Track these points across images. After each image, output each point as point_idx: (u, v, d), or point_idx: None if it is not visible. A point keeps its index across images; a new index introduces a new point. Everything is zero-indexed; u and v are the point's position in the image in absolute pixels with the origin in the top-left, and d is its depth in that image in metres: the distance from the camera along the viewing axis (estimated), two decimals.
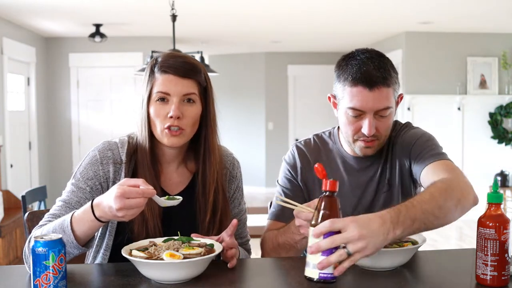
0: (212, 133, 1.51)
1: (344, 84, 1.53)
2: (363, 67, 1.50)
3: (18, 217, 4.59)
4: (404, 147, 1.60)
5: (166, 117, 1.42)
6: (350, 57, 1.56)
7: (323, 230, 1.11)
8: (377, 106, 1.50)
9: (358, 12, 5.46)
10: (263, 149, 8.83)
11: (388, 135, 1.61)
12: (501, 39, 6.62)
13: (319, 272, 1.13)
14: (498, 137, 6.55)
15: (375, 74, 1.49)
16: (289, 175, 1.71)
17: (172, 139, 1.43)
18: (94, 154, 1.47)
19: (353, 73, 1.51)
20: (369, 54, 1.54)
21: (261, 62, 8.79)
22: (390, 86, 1.52)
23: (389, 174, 1.64)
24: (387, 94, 1.51)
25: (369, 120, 1.51)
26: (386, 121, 1.55)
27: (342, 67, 1.55)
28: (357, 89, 1.50)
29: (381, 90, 1.49)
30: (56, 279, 1.10)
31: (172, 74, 1.43)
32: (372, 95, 1.49)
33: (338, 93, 1.58)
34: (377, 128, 1.53)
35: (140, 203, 1.20)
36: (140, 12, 5.34)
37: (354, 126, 1.55)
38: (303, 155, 1.71)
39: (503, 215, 1.19)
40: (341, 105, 1.57)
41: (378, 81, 1.49)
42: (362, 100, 1.50)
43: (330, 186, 1.17)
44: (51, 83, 6.80)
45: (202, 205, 1.49)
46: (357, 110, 1.51)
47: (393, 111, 1.56)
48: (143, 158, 1.46)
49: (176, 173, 1.53)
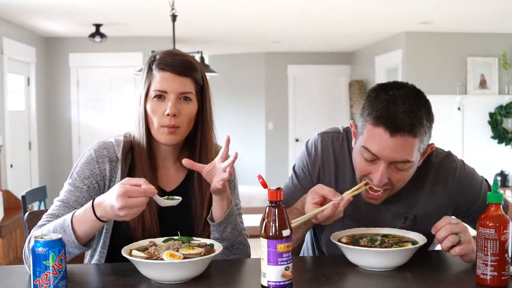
0: (209, 131, 1.52)
1: (366, 120, 1.36)
2: (391, 107, 1.31)
3: (18, 217, 4.59)
4: (456, 191, 1.50)
5: (163, 114, 1.42)
6: (383, 88, 1.37)
7: (444, 223, 1.29)
8: (394, 156, 1.33)
9: (358, 12, 5.46)
10: (263, 149, 8.83)
11: (404, 184, 1.43)
12: (501, 39, 6.62)
13: (267, 280, 1.15)
14: (498, 137, 6.55)
15: (402, 118, 1.29)
16: (306, 168, 1.58)
17: (167, 136, 1.44)
18: (90, 154, 1.47)
19: (378, 110, 1.32)
20: (404, 91, 1.34)
21: (261, 62, 8.79)
22: (416, 136, 1.32)
23: (419, 206, 1.51)
24: (411, 146, 1.32)
25: (381, 170, 1.34)
26: (403, 174, 1.38)
27: (371, 99, 1.37)
28: (377, 130, 1.32)
29: (404, 139, 1.30)
30: (56, 279, 1.10)
31: (169, 71, 1.43)
32: (393, 142, 1.31)
33: (359, 126, 1.41)
34: (390, 178, 1.37)
35: (142, 202, 1.21)
36: (140, 12, 5.33)
37: (364, 169, 1.39)
38: (326, 148, 1.55)
39: (503, 215, 1.19)
40: (358, 140, 1.41)
41: (403, 128, 1.29)
42: (379, 145, 1.32)
43: (272, 197, 1.16)
44: (51, 83, 6.80)
45: (198, 201, 1.50)
46: (371, 153, 1.35)
47: (414, 165, 1.38)
48: (141, 154, 1.47)
49: (172, 169, 1.54)
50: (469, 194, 1.52)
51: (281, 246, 1.14)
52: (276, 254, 1.14)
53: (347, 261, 1.36)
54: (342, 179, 1.55)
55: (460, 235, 1.29)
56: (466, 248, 1.29)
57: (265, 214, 1.17)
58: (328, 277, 1.27)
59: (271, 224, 1.15)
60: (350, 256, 1.35)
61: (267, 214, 1.16)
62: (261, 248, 1.17)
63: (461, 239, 1.29)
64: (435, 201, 1.52)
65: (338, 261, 1.38)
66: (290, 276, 1.16)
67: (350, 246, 1.33)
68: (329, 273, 1.30)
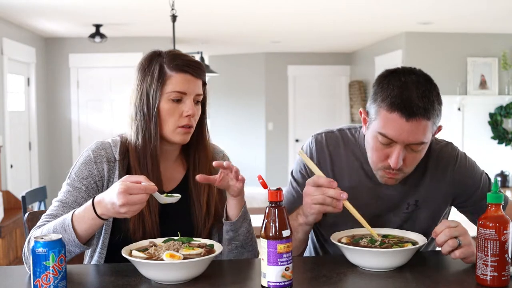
0: (206, 130, 1.57)
1: (380, 106, 1.39)
2: (405, 93, 1.36)
3: (18, 218, 4.59)
4: (454, 176, 1.55)
5: (181, 115, 1.44)
6: (394, 75, 1.41)
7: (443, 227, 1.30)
8: (411, 139, 1.38)
9: (358, 12, 5.46)
10: (263, 149, 8.83)
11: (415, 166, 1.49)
12: (501, 39, 6.62)
13: (267, 281, 1.15)
14: (498, 138, 6.55)
15: (416, 103, 1.35)
16: (303, 170, 1.62)
17: (183, 136, 1.46)
18: (88, 154, 1.47)
19: (393, 96, 1.36)
20: (415, 77, 1.40)
21: (261, 62, 8.79)
22: (430, 119, 1.38)
23: (422, 192, 1.55)
24: (425, 128, 1.38)
25: (398, 152, 1.39)
26: (416, 156, 1.43)
27: (383, 85, 1.41)
28: (393, 116, 1.36)
29: (419, 123, 1.36)
30: (56, 279, 1.10)
31: (190, 73, 1.45)
32: (409, 126, 1.36)
33: (371, 113, 1.44)
34: (405, 160, 1.41)
35: (143, 199, 1.21)
36: (140, 12, 5.34)
37: (381, 153, 1.43)
38: (321, 149, 1.60)
39: (503, 215, 1.19)
40: (372, 126, 1.44)
41: (418, 112, 1.35)
42: (396, 129, 1.37)
43: (272, 197, 1.17)
44: (51, 84, 6.80)
45: (196, 199, 1.51)
46: (388, 138, 1.39)
47: (426, 147, 1.44)
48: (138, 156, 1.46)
49: (171, 170, 1.55)
50: (469, 184, 1.57)
51: (281, 247, 1.14)
52: (276, 255, 1.14)
53: (347, 261, 1.36)
54: (339, 176, 1.57)
55: (459, 239, 1.29)
56: (466, 251, 1.30)
57: (268, 215, 1.17)
58: (328, 277, 1.27)
59: (271, 225, 1.15)
60: (350, 257, 1.35)
61: (267, 215, 1.16)
62: (261, 249, 1.17)
63: (461, 242, 1.29)
64: (435, 187, 1.56)
65: (338, 261, 1.38)
66: (290, 277, 1.16)
67: (350, 247, 1.33)
68: (329, 273, 1.30)
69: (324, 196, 1.39)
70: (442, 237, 1.30)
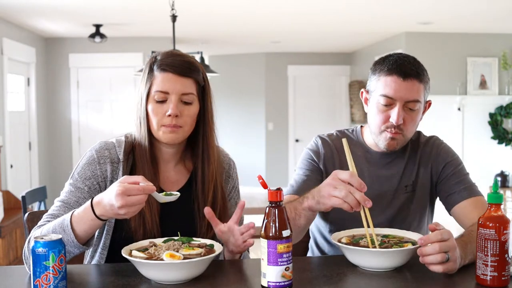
0: (210, 132, 1.52)
1: (380, 75, 1.61)
2: (399, 61, 1.60)
3: (18, 218, 4.59)
4: (435, 159, 1.70)
5: (164, 115, 1.42)
6: (387, 56, 1.65)
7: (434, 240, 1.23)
8: (408, 96, 1.57)
9: (358, 12, 5.46)
10: (263, 149, 8.83)
11: (413, 133, 1.67)
12: (501, 39, 6.62)
13: (267, 280, 1.15)
14: (498, 138, 6.55)
15: (410, 67, 1.58)
16: (311, 158, 1.72)
17: (169, 135, 1.43)
18: (91, 154, 1.47)
19: (389, 65, 1.59)
20: (405, 55, 1.64)
21: (261, 62, 8.79)
22: (421, 82, 1.60)
23: (414, 177, 1.70)
24: (419, 88, 1.59)
25: (398, 109, 1.57)
26: (414, 115, 1.61)
27: (380, 61, 1.64)
28: (391, 78, 1.58)
29: (413, 83, 1.57)
30: (56, 279, 1.10)
31: (171, 72, 1.43)
32: (405, 85, 1.57)
33: (372, 86, 1.65)
34: (404, 120, 1.59)
35: (142, 199, 1.21)
36: (140, 12, 5.34)
37: (383, 115, 1.60)
38: (326, 144, 1.74)
39: (503, 215, 1.19)
40: (373, 96, 1.64)
41: (412, 74, 1.57)
42: (394, 88, 1.57)
43: (272, 197, 1.16)
44: (51, 84, 6.80)
45: (201, 203, 1.49)
46: (388, 98, 1.58)
47: (421, 108, 1.63)
48: (142, 155, 1.47)
49: (174, 172, 1.54)
50: (449, 161, 1.70)
51: (281, 247, 1.14)
52: (276, 255, 1.14)
53: (347, 261, 1.36)
54: (344, 164, 1.61)
55: (448, 254, 1.24)
56: (451, 267, 1.25)
57: (268, 214, 1.17)
58: (328, 277, 1.27)
59: (271, 225, 1.15)
60: (350, 257, 1.35)
61: (267, 215, 1.16)
62: (261, 249, 1.17)
63: (449, 257, 1.24)
64: (423, 171, 1.71)
65: (338, 261, 1.39)
66: (290, 277, 1.16)
67: (350, 247, 1.33)
68: (329, 273, 1.30)
69: (348, 194, 1.34)
70: (430, 250, 1.24)
